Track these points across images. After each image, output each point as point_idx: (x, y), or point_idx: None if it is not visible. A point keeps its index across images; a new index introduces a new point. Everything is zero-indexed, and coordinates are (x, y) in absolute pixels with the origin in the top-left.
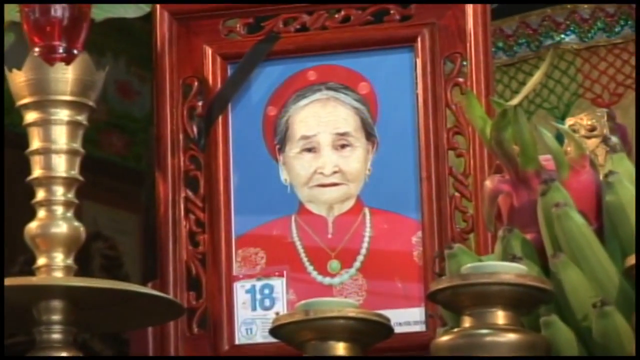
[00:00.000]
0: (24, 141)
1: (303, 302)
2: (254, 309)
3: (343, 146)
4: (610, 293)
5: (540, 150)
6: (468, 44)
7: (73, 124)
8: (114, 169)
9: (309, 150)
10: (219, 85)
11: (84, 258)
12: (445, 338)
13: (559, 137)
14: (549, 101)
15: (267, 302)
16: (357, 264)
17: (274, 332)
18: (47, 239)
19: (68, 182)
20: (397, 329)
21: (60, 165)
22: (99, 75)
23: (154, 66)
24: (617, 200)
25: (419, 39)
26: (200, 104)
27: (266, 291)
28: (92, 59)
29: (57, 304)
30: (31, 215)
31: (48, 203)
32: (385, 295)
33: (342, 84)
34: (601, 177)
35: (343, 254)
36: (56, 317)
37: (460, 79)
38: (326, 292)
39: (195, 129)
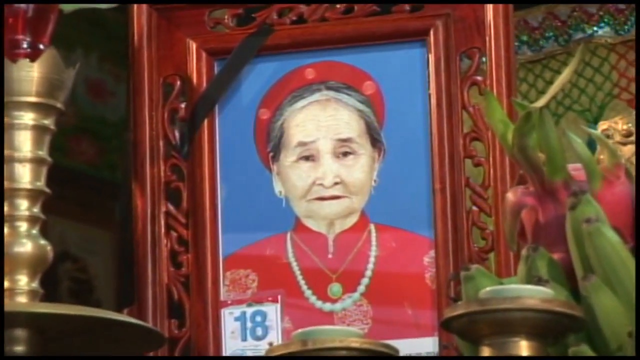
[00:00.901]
0: None
1: (300, 330)
2: (244, 338)
3: (345, 154)
4: None
5: (569, 158)
6: (487, 38)
7: (39, 129)
8: (85, 179)
9: (307, 158)
10: (204, 84)
11: (51, 281)
12: None
13: (591, 144)
14: (580, 103)
15: (259, 331)
16: (361, 288)
17: None
18: (10, 259)
19: (33, 194)
20: None
21: (25, 175)
22: (68, 73)
23: (130, 63)
24: None
25: (431, 32)
26: (183, 106)
27: (258, 318)
28: (61, 54)
29: (20, 333)
30: None
31: (11, 218)
32: (394, 324)
33: (345, 83)
34: None
35: (345, 276)
36: (20, 348)
37: (479, 78)
38: (326, 319)
39: (177, 135)
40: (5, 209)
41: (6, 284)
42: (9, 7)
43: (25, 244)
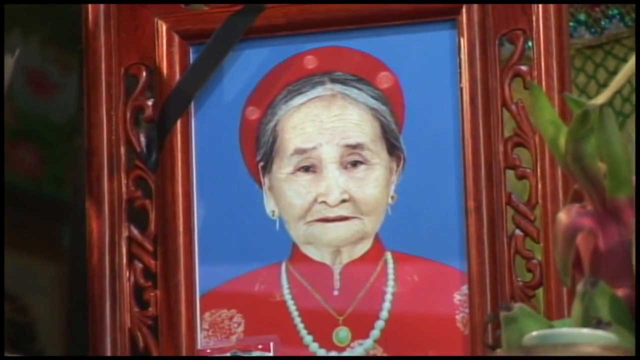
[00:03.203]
0: None
1: None
2: None
3: (355, 164)
4: None
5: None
6: (534, 17)
7: None
8: (24, 197)
9: (307, 169)
10: (177, 76)
11: None
12: None
13: None
14: None
15: None
16: (375, 333)
17: None
18: None
19: None
20: None
21: None
22: (4, 61)
23: (82, 49)
24: None
25: (463, 10)
26: (150, 103)
27: None
28: None
29: None
30: None
31: None
32: None
33: (354, 74)
34: None
35: (355, 318)
36: None
37: (523, 67)
38: None
39: (143, 140)
40: None
41: None
42: None
43: None
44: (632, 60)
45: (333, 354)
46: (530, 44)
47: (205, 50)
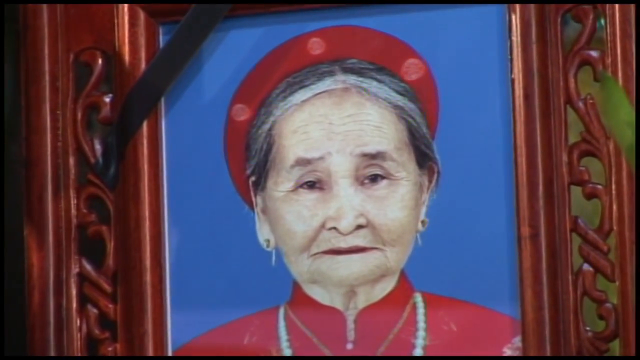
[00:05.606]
0: None
1: None
2: None
3: (374, 178)
4: None
5: None
6: None
7: None
8: None
9: (312, 186)
10: (143, 65)
11: None
12: None
13: None
14: None
15: None
16: None
17: None
18: None
19: None
20: None
21: None
22: None
23: (19, 31)
24: None
25: None
26: (107, 99)
27: None
28: None
29: None
30: None
31: None
32: None
33: (374, 62)
34: None
35: None
36: None
37: (593, 53)
38: None
39: (98, 148)
40: None
41: None
42: None
43: None
44: None
45: None
46: (602, 22)
47: (179, 32)
